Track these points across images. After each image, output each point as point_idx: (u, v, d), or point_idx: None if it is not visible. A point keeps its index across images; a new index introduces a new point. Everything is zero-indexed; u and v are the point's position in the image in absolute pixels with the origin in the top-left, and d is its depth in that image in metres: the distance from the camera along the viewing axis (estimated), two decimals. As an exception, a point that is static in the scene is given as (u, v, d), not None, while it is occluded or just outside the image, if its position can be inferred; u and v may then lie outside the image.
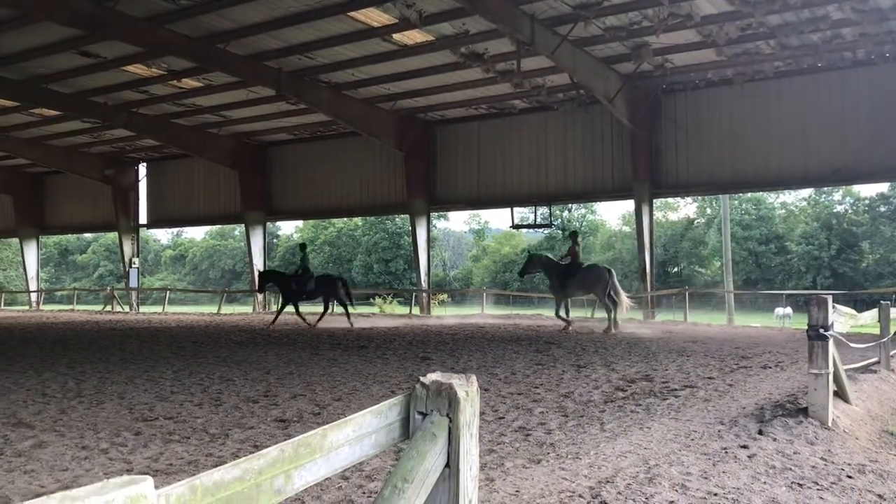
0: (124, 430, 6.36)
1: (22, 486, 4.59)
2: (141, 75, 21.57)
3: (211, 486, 1.64)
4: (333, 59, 20.09)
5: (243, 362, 11.50)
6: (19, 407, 7.59)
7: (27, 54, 19.79)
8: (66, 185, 36.04)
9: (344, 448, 2.01)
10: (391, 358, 11.86)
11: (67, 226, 38.56)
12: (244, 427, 6.47)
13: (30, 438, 6.02)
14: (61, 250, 79.51)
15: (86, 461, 5.26)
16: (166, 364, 11.35)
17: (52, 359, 12.26)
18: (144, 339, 16.51)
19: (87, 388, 8.91)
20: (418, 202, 26.34)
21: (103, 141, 30.07)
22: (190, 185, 32.46)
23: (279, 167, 30.10)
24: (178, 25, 17.69)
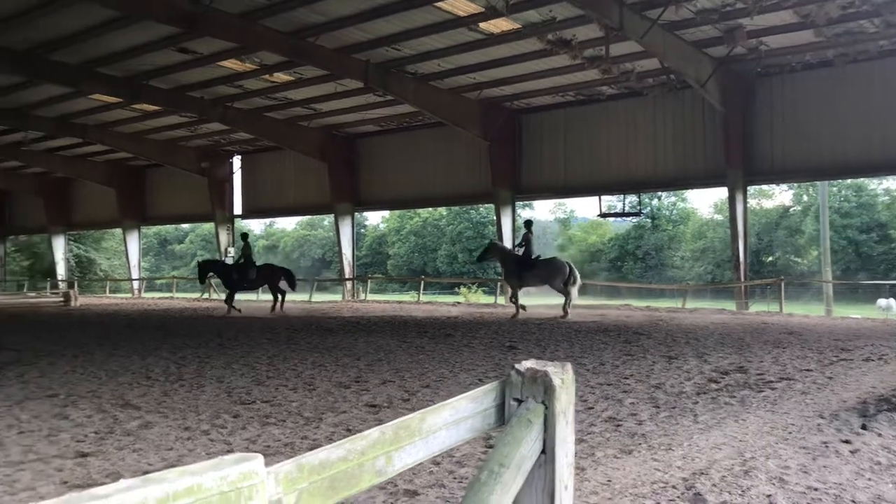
0: (223, 412, 6.62)
1: (131, 463, 4.84)
2: (235, 70, 22.23)
3: (317, 464, 1.71)
4: (420, 50, 20.22)
5: (334, 349, 11.77)
6: (126, 389, 7.98)
7: (129, 52, 20.65)
8: (165, 178, 37.53)
9: (441, 432, 2.05)
10: (477, 346, 11.91)
11: (166, 216, 40.15)
12: (337, 411, 6.63)
13: (136, 419, 6.33)
14: (161, 240, 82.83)
15: (188, 441, 5.50)
16: (261, 350, 11.72)
17: (155, 344, 12.83)
18: (240, 325, 17.07)
19: (187, 372, 9.29)
20: (503, 191, 26.28)
21: (200, 134, 31.17)
22: (281, 176, 33.32)
23: (366, 158, 30.55)
24: (270, 21, 18.13)
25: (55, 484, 4.32)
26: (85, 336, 14.50)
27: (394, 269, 67.93)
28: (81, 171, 37.40)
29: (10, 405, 6.99)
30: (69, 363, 10.21)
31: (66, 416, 6.49)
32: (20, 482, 4.36)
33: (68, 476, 4.50)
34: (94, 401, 7.24)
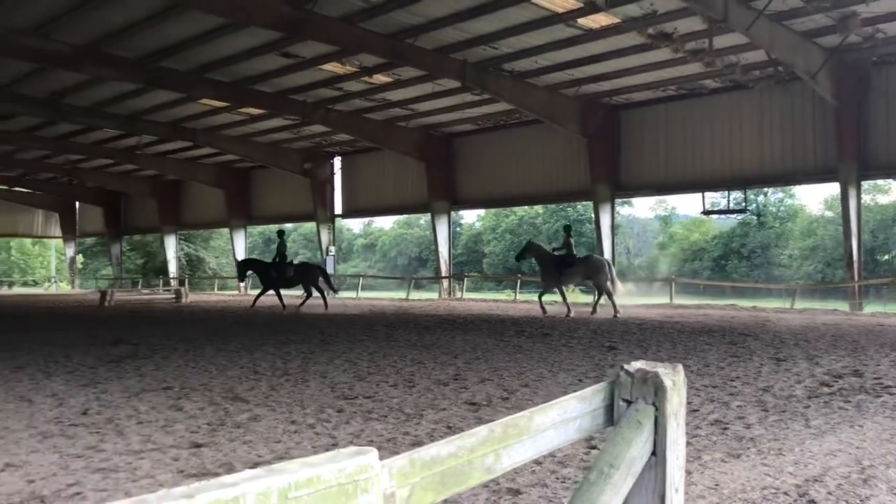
0: (328, 407, 6.78)
1: (242, 454, 5.03)
2: (336, 73, 22.74)
3: (428, 460, 1.73)
4: (517, 48, 20.16)
5: (432, 346, 11.88)
6: (235, 383, 8.28)
7: (235, 58, 21.40)
8: (269, 179, 38.77)
9: (549, 431, 2.04)
10: (576, 346, 11.79)
11: (271, 216, 41.44)
12: (437, 408, 6.69)
13: (246, 412, 6.56)
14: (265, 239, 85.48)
15: (295, 434, 5.66)
16: (362, 346, 11.95)
17: (261, 339, 13.27)
18: (341, 322, 17.45)
19: (292, 367, 9.57)
20: (602, 188, 25.89)
21: (302, 137, 32.04)
22: (380, 176, 33.88)
23: (463, 157, 30.70)
24: (370, 23, 18.44)
25: (172, 473, 4.53)
26: (195, 331, 15.12)
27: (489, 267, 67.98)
28: (191, 174, 39.07)
29: (128, 396, 7.37)
30: (182, 357, 10.68)
31: (180, 407, 6.78)
32: (140, 470, 4.59)
33: (184, 465, 4.71)
34: (205, 394, 7.54)
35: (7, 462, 4.79)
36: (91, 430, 5.80)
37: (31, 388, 7.89)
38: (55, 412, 6.57)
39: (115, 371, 9.23)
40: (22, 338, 13.74)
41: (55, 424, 6.02)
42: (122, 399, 7.22)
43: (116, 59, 21.31)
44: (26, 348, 11.90)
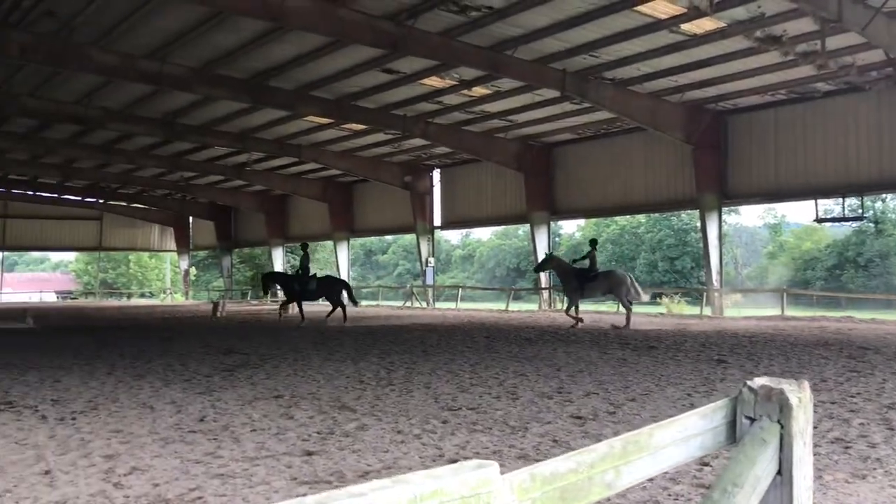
0: (432, 417, 6.84)
1: (352, 463, 5.13)
2: (436, 87, 23.02)
3: (548, 475, 1.72)
4: (618, 56, 19.89)
5: (534, 358, 11.80)
6: (342, 392, 8.46)
7: (338, 76, 21.99)
8: (370, 192, 39.57)
9: (670, 448, 2.00)
10: (683, 360, 11.48)
11: (372, 229, 42.27)
12: (542, 421, 6.65)
13: (353, 421, 6.69)
14: (366, 251, 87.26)
15: (402, 444, 5.73)
16: (463, 358, 12.00)
17: (365, 349, 13.51)
18: (442, 333, 17.58)
19: (396, 377, 9.70)
20: (708, 196, 25.16)
21: (402, 150, 32.57)
22: (479, 188, 34.03)
23: (563, 167, 30.48)
24: (469, 37, 18.59)
25: (286, 480, 4.66)
26: (303, 341, 15.54)
27: (590, 278, 67.05)
28: (297, 188, 40.31)
29: (242, 404, 7.63)
30: (290, 366, 10.99)
31: (290, 416, 6.98)
32: (256, 476, 4.75)
33: (297, 473, 4.84)
34: (314, 402, 7.74)
35: (133, 466, 5.04)
36: (209, 436, 6.04)
37: (151, 396, 8.28)
38: (175, 419, 6.87)
39: (228, 380, 9.58)
40: (142, 347, 14.45)
41: (175, 430, 6.30)
42: (236, 407, 7.49)
43: (226, 80, 22.25)
44: (146, 357, 12.52)
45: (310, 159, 32.97)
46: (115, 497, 4.29)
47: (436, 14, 17.40)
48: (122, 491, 4.42)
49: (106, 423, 6.69)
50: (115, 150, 34.10)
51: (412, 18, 17.50)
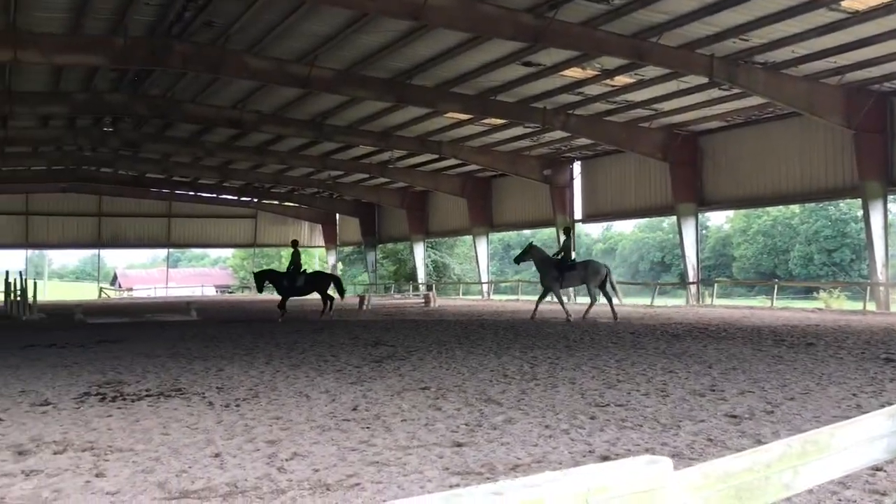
0: (580, 413, 6.77)
1: (502, 455, 5.16)
2: (576, 78, 22.73)
3: (721, 473, 1.67)
4: (770, 38, 18.89)
5: (683, 355, 11.44)
6: (487, 385, 8.52)
7: (478, 71, 22.15)
8: (509, 187, 39.62)
9: (852, 449, 1.89)
10: (846, 357, 10.79)
11: (511, 223, 42.31)
12: (694, 420, 6.43)
13: (500, 414, 6.73)
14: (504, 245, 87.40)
15: (551, 439, 5.71)
16: (608, 353, 11.79)
17: (507, 344, 13.55)
18: (584, 328, 17.36)
19: (540, 371, 9.67)
20: (872, 184, 23.46)
21: (542, 143, 32.37)
22: (621, 179, 33.33)
23: (710, 156, 29.33)
24: (611, 25, 18.22)
25: (438, 469, 4.75)
26: (445, 335, 15.78)
27: (740, 272, 64.29)
28: (437, 184, 40.95)
29: (391, 395, 7.84)
30: (435, 359, 11.19)
31: (438, 407, 7.11)
32: (409, 465, 4.87)
33: (448, 463, 4.92)
34: (460, 395, 7.84)
35: (294, 451, 5.29)
36: (362, 425, 6.25)
37: (307, 385, 8.66)
38: (329, 407, 7.16)
39: (377, 370, 9.87)
40: (295, 339, 15.14)
41: (331, 419, 6.56)
42: (385, 397, 7.71)
43: (371, 81, 22.91)
44: (300, 348, 13.11)
45: (450, 155, 33.39)
46: (279, 480, 4.53)
47: (576, 4, 17.17)
48: (285, 475, 4.65)
49: (267, 410, 7.06)
50: (268, 152, 35.91)
51: (553, 10, 17.35)
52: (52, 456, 5.28)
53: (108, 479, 4.61)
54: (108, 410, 7.13)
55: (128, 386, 8.73)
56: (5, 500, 4.23)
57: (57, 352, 12.99)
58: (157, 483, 4.52)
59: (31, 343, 14.67)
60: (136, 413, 6.96)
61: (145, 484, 4.50)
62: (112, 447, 5.53)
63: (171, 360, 11.50)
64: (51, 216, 51.29)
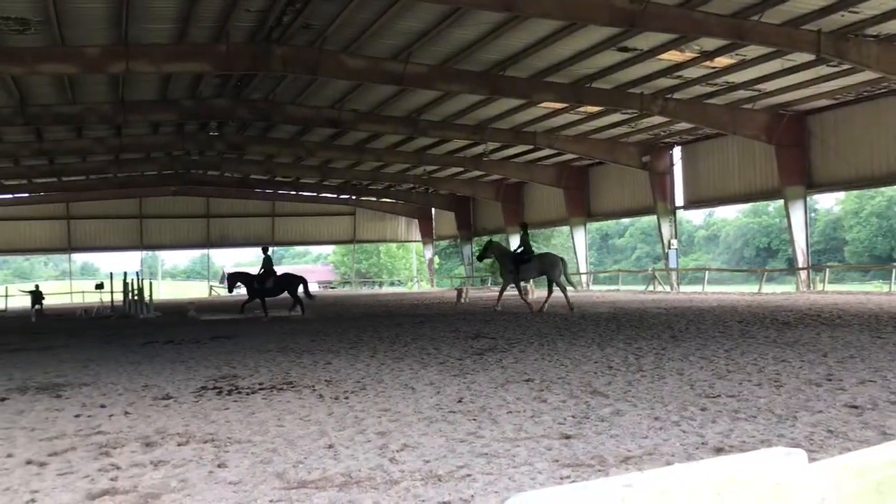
0: (689, 405, 6.61)
1: (612, 448, 5.10)
2: (674, 61, 22.14)
3: (859, 467, 1.61)
4: (884, 8, 17.87)
5: (795, 343, 11.01)
6: (591, 377, 8.43)
7: (573, 59, 21.89)
8: (607, 175, 39.05)
9: None
10: (978, 345, 10.14)
11: (609, 212, 41.70)
12: (811, 410, 6.19)
13: (607, 406, 6.64)
14: (602, 235, 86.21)
15: (661, 431, 5.60)
16: (716, 343, 11.47)
17: (609, 335, 13.37)
18: (690, 318, 16.94)
19: (645, 363, 9.49)
20: None
21: (639, 129, 31.72)
22: (724, 163, 32.31)
23: (818, 136, 28.06)
24: (709, 6, 17.66)
25: (548, 462, 4.74)
26: (546, 327, 15.70)
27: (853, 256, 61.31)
28: (532, 175, 40.74)
29: (495, 387, 7.87)
30: (537, 351, 11.15)
31: (543, 399, 7.08)
32: (518, 457, 4.88)
33: (557, 455, 4.91)
34: (565, 387, 7.79)
35: (404, 443, 5.39)
36: (468, 417, 6.29)
37: (411, 377, 8.78)
38: (435, 399, 7.24)
39: (479, 363, 9.92)
40: (397, 332, 15.38)
41: (437, 410, 6.64)
42: (489, 389, 7.74)
43: (464, 74, 22.99)
44: (402, 341, 13.31)
45: (545, 145, 33.15)
46: (392, 471, 4.62)
47: (673, -15, 16.75)
48: (397, 466, 4.74)
49: (375, 402, 7.20)
50: (366, 149, 36.57)
51: (648, -7, 16.98)
52: (176, 447, 5.55)
53: (229, 470, 4.82)
54: (224, 403, 7.43)
55: (242, 380, 9.07)
56: (138, 488, 4.47)
57: (174, 348, 13.63)
58: (276, 473, 4.68)
59: (149, 340, 15.44)
60: (251, 406, 7.23)
61: (264, 474, 4.68)
62: (231, 438, 5.76)
63: (281, 354, 11.88)
64: (162, 219, 53.87)
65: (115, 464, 5.09)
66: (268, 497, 4.18)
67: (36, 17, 17.59)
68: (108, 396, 8.15)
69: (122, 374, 10.06)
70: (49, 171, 40.08)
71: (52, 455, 5.42)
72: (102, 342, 15.54)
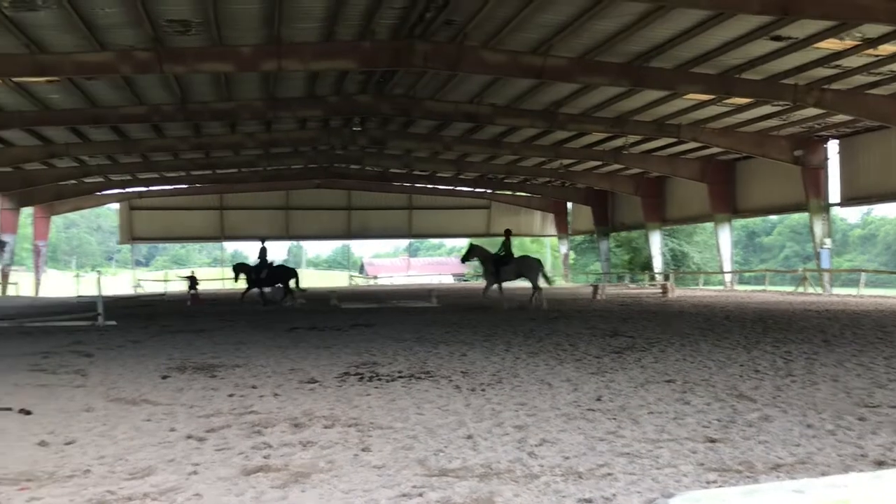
0: (846, 413, 6.24)
1: (760, 454, 4.89)
2: (832, 50, 20.79)
3: None
4: None
5: (968, 354, 10.15)
6: (737, 380, 8.11)
7: (721, 49, 20.98)
8: (755, 170, 37.28)
9: None
10: None
11: (756, 209, 39.81)
12: None
13: (755, 411, 6.37)
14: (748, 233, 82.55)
15: (814, 439, 5.32)
16: (874, 349, 10.76)
17: (756, 337, 12.80)
18: (844, 322, 15.96)
19: (795, 367, 9.02)
20: None
21: (792, 122, 30.03)
22: (887, 158, 30.09)
23: None
24: (875, -11, 16.51)
25: (693, 465, 4.60)
26: (687, 326, 15.21)
27: None
28: (674, 169, 39.46)
29: (635, 387, 7.71)
30: (678, 351, 10.83)
31: (686, 401, 6.87)
32: (661, 458, 4.76)
33: (703, 459, 4.75)
34: (708, 389, 7.53)
35: (543, 438, 5.38)
36: (607, 415, 6.20)
37: (547, 373, 8.75)
38: (572, 396, 7.18)
39: (617, 361, 9.74)
40: (532, 327, 15.33)
41: (575, 407, 6.58)
42: (629, 388, 7.59)
43: (605, 66, 22.54)
44: (536, 336, 13.27)
45: (689, 138, 31.99)
46: (531, 465, 4.62)
47: (834, -31, 15.75)
48: (536, 460, 4.74)
49: (511, 395, 7.23)
50: (502, 143, 36.60)
51: (806, -23, 16.05)
52: (322, 429, 5.79)
53: (373, 454, 4.98)
54: (366, 389, 7.67)
55: (381, 367, 9.33)
56: (289, 466, 4.70)
57: (318, 334, 14.19)
58: (417, 460, 4.80)
59: (294, 326, 16.15)
60: (391, 393, 7.43)
61: (406, 460, 4.80)
62: (373, 424, 5.95)
63: (418, 344, 12.12)
64: (307, 210, 56.18)
65: (267, 442, 5.37)
66: (410, 483, 4.28)
67: (197, 19, 18.69)
68: (258, 378, 8.59)
69: (270, 357, 10.58)
70: (205, 164, 42.61)
71: (210, 431, 5.78)
72: (251, 327, 16.39)
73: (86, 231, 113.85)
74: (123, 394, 7.62)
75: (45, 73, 21.00)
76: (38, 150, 33.35)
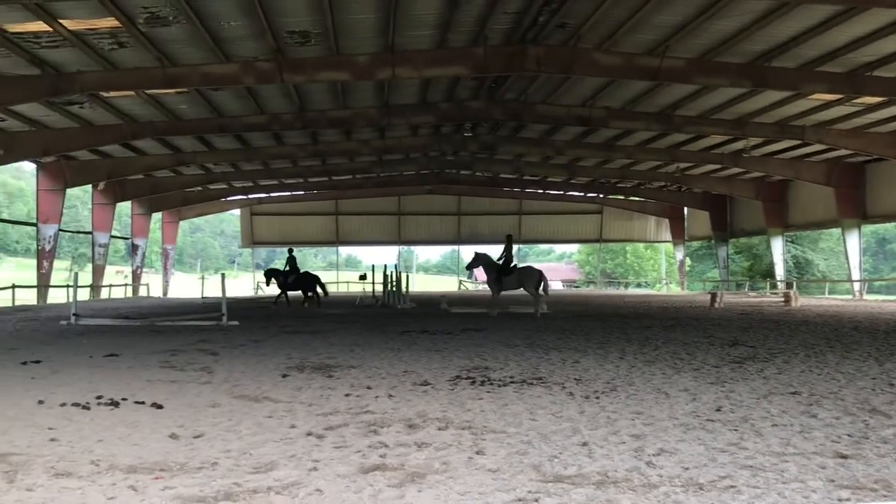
0: None
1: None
2: (975, 43, 19.42)
3: None
4: None
5: None
6: (869, 394, 7.66)
7: (849, 46, 19.95)
8: (887, 172, 35.20)
9: None
10: None
11: (889, 214, 37.53)
12: None
13: (890, 427, 6.00)
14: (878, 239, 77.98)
15: (958, 460, 4.96)
16: None
17: (889, 349, 12.09)
18: None
19: (936, 382, 8.45)
20: None
21: (929, 122, 28.20)
22: None
23: None
24: None
25: (822, 481, 4.38)
26: (812, 337, 14.50)
27: None
28: (798, 172, 37.76)
29: (757, 398, 7.41)
30: (803, 362, 10.34)
31: (812, 414, 6.55)
32: (787, 473, 4.55)
33: (833, 475, 4.52)
34: (837, 402, 7.15)
35: (660, 447, 5.24)
36: (728, 426, 5.98)
37: (664, 382, 8.52)
38: (690, 406, 6.97)
39: (738, 371, 9.39)
40: (647, 335, 15.00)
41: (693, 418, 6.38)
42: (751, 400, 7.30)
43: (724, 67, 21.83)
44: (652, 344, 12.96)
45: (814, 140, 30.50)
46: (649, 475, 4.52)
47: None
48: (654, 470, 4.63)
49: (626, 404, 7.08)
50: (615, 147, 36.00)
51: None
52: (436, 431, 5.85)
53: (487, 457, 4.98)
54: (478, 394, 7.69)
55: (493, 372, 9.34)
56: (405, 466, 4.77)
57: (429, 338, 14.34)
58: (532, 465, 4.77)
59: (407, 329, 16.39)
60: (503, 398, 7.42)
61: (521, 465, 4.78)
62: (486, 427, 5.96)
63: (529, 349, 12.06)
64: (418, 216, 57.03)
65: (383, 442, 5.47)
66: (526, 488, 4.26)
67: (316, 30, 19.30)
68: (372, 379, 8.77)
69: (383, 359, 10.78)
70: (321, 171, 43.93)
71: (328, 429, 5.93)
72: (365, 329, 16.74)
73: (210, 235, 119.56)
74: (246, 391, 7.94)
75: (175, 85, 22.17)
76: (167, 158, 35.28)
